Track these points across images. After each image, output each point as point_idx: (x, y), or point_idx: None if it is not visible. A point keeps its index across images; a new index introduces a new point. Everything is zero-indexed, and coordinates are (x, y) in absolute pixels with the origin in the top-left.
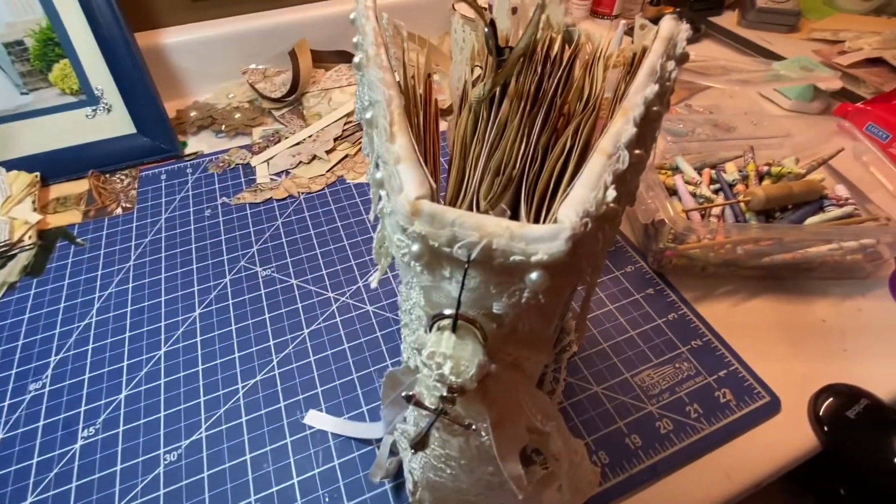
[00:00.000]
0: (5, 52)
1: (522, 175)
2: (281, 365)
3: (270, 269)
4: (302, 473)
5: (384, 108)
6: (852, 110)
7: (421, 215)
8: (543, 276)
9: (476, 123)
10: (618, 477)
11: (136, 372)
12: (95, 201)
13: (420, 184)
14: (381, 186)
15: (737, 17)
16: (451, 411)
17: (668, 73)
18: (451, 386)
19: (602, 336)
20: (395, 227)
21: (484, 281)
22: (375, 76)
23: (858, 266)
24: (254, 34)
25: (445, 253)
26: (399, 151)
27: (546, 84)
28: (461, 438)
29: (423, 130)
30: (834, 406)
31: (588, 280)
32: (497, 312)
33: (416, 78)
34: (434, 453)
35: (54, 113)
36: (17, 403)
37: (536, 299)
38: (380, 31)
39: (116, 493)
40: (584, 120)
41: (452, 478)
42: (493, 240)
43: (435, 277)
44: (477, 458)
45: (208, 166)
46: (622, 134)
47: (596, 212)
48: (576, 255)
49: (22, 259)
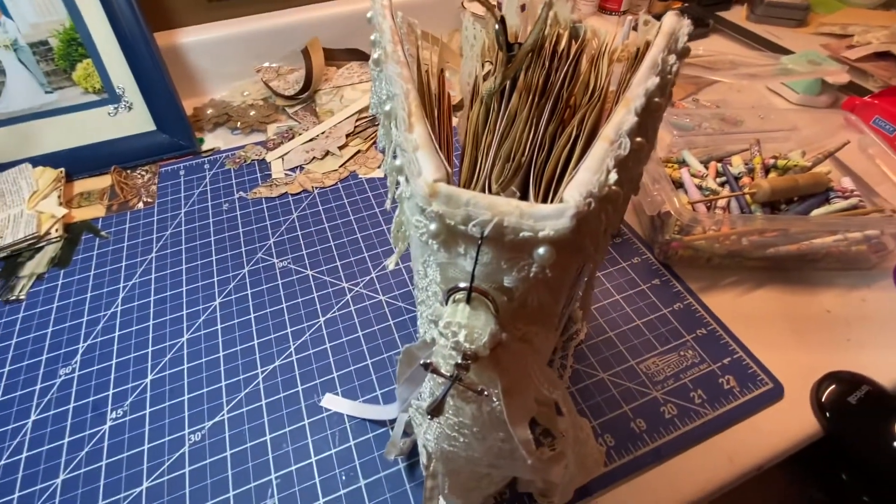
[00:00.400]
0: (31, 53)
1: (531, 161)
2: (298, 351)
3: (287, 260)
4: (319, 453)
5: (402, 100)
6: (859, 104)
7: (438, 196)
8: (550, 251)
9: (487, 115)
10: (623, 459)
11: (161, 357)
12: (118, 196)
13: (437, 168)
14: (400, 173)
15: (745, 11)
16: (465, 378)
17: (670, 67)
18: (466, 353)
19: (609, 325)
20: (414, 209)
21: (496, 256)
22: (394, 71)
23: (863, 257)
24: (267, 33)
25: (460, 231)
26: (417, 139)
27: (553, 78)
28: (474, 405)
29: (438, 122)
30: (836, 392)
31: (592, 260)
32: (508, 286)
33: (429, 73)
34: (448, 422)
35: (78, 111)
36: (48, 387)
37: (544, 273)
38: (395, 28)
39: (144, 470)
40: (590, 110)
41: (465, 446)
42: (505, 218)
43: (450, 254)
44: (489, 424)
45: (225, 162)
46: (624, 123)
47: (598, 193)
48: (579, 232)
49: (49, 251)
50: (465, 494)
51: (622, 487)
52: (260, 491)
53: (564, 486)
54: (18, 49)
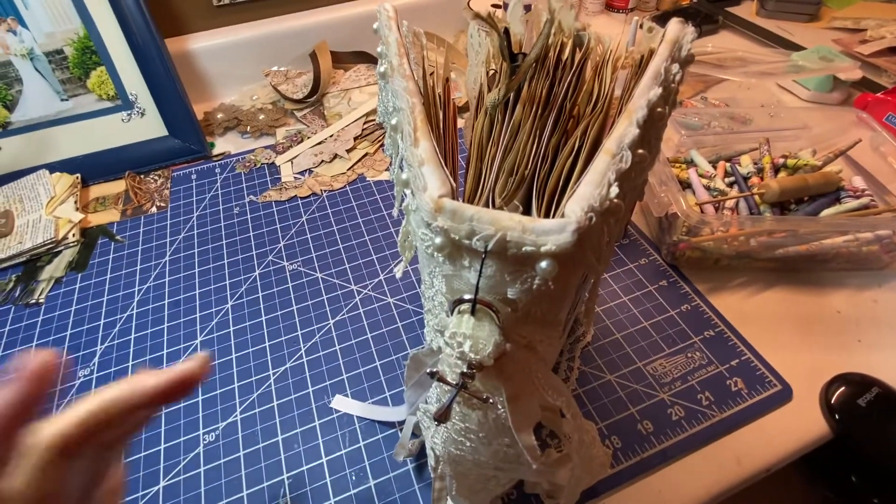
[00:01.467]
0: (46, 61)
1: (534, 174)
2: (309, 353)
3: (297, 263)
4: (330, 454)
5: (408, 114)
6: (872, 100)
7: (443, 211)
8: (553, 265)
9: (491, 127)
10: (630, 460)
11: (175, 360)
12: (132, 200)
13: (442, 183)
14: (406, 186)
15: (755, 7)
16: (470, 386)
17: (673, 76)
18: (471, 363)
19: (615, 327)
20: (420, 222)
21: (499, 269)
22: (400, 86)
23: (875, 257)
24: (275, 37)
25: (465, 245)
26: (423, 154)
27: (557, 88)
28: (479, 412)
29: (443, 129)
30: (846, 394)
31: (595, 271)
32: (512, 297)
33: (434, 77)
34: (455, 427)
35: (92, 118)
36: (67, 388)
37: (547, 286)
38: (402, 40)
39: (161, 469)
40: (593, 121)
41: (472, 451)
42: (507, 232)
43: (455, 267)
44: (494, 430)
45: (235, 166)
46: (626, 136)
47: (600, 207)
48: (581, 246)
49: (67, 255)
50: (472, 496)
51: (629, 489)
52: (272, 490)
53: (571, 488)
54: (35, 58)
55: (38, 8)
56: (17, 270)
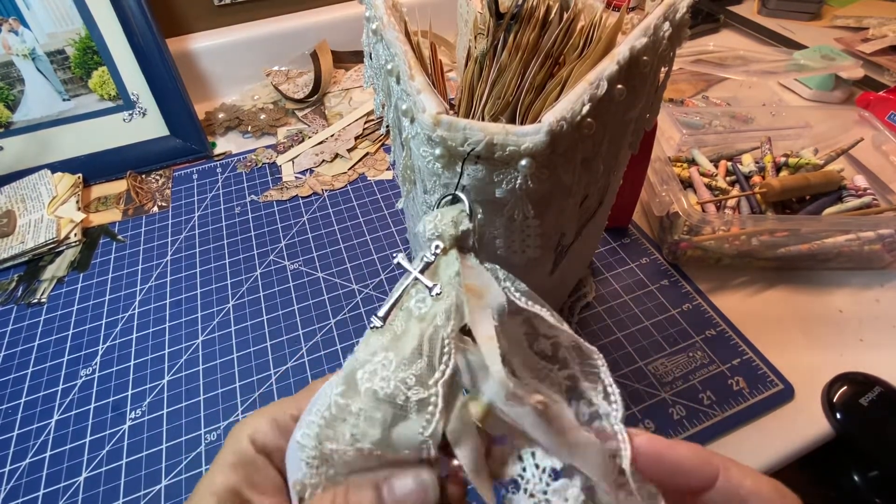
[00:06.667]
0: (48, 61)
1: (518, 101)
2: (310, 353)
3: (298, 262)
4: None
5: (403, 57)
6: (874, 99)
7: (441, 124)
8: (531, 162)
9: (481, 72)
10: None
11: (177, 359)
12: (133, 200)
13: (438, 104)
14: (405, 115)
15: (757, 5)
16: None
17: (663, 33)
18: (437, 247)
19: (616, 326)
20: (421, 141)
21: (488, 171)
22: (392, 36)
23: (877, 256)
24: (276, 37)
25: (459, 152)
26: (419, 85)
27: (543, 40)
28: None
29: (433, 81)
30: (848, 393)
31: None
32: (499, 197)
33: (419, 45)
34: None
35: (94, 118)
36: (69, 388)
37: (527, 185)
38: (388, 6)
39: (163, 469)
40: (580, 63)
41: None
42: (494, 136)
43: (452, 174)
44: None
45: (237, 166)
46: (605, 69)
47: (571, 119)
48: (554, 150)
49: (69, 255)
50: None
51: None
52: None
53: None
54: (36, 58)
55: (39, 8)
56: (19, 270)
